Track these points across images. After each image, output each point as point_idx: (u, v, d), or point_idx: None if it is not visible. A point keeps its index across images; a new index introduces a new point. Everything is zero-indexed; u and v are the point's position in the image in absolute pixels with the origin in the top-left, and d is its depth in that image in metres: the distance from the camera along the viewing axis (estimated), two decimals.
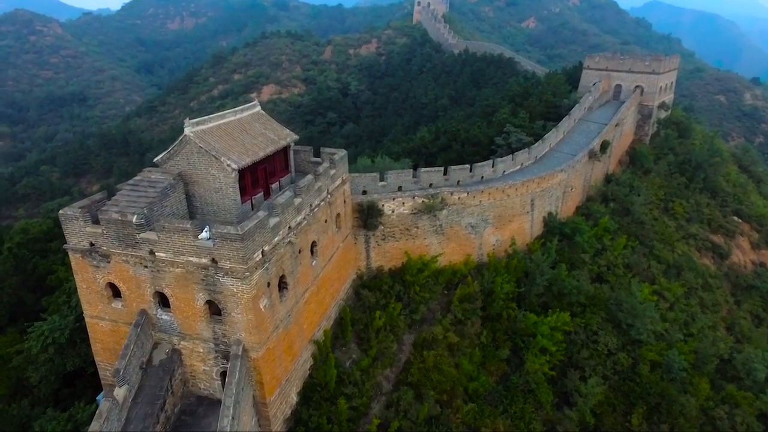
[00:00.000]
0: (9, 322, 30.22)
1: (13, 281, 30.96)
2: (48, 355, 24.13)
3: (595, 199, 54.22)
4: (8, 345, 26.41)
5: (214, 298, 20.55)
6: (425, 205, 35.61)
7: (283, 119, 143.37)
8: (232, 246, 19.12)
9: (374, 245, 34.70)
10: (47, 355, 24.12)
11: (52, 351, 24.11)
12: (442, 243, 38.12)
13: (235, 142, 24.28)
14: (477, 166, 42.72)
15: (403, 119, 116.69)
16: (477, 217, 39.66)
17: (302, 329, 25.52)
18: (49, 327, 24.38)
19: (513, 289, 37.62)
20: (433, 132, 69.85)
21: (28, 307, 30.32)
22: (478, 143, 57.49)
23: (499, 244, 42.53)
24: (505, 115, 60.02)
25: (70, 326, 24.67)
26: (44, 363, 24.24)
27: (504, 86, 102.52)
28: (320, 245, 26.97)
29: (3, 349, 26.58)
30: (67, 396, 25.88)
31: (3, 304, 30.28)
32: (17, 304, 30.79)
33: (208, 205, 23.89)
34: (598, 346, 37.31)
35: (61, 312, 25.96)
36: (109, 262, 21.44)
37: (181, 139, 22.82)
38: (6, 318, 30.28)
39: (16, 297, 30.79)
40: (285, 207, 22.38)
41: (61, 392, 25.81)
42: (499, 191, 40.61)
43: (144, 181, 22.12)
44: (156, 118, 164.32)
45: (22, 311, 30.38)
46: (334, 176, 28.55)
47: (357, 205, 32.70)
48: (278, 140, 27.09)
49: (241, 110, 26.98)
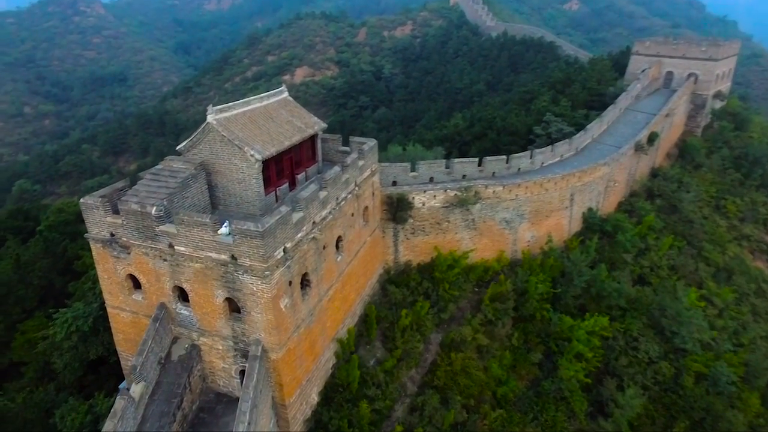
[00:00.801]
0: (38, 305, 30.62)
1: (43, 264, 31.26)
2: (71, 342, 24.08)
3: (640, 195, 50.93)
4: (36, 329, 26.65)
5: (234, 296, 19.66)
6: (458, 199, 33.85)
7: (316, 102, 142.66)
8: (252, 243, 18.07)
9: (403, 239, 33.29)
10: (71, 342, 24.07)
11: (75, 339, 24.03)
12: (474, 238, 36.34)
13: (260, 131, 23.14)
14: (514, 158, 40.54)
15: (436, 104, 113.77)
16: (512, 211, 37.60)
17: (325, 327, 24.50)
18: (73, 314, 24.28)
19: (548, 290, 35.61)
20: (468, 119, 67.33)
21: (57, 290, 30.60)
22: (515, 132, 54.84)
23: (534, 241, 40.38)
24: (544, 103, 56.96)
25: (94, 314, 24.47)
26: (68, 350, 24.23)
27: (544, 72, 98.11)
28: (346, 240, 25.75)
29: (30, 333, 26.86)
30: (91, 382, 25.92)
31: (33, 287, 30.67)
32: (47, 287, 31.14)
33: (230, 196, 22.95)
34: (638, 353, 34.99)
35: (86, 299, 25.86)
36: (129, 253, 20.83)
37: (204, 126, 21.82)
38: (35, 301, 30.69)
39: (46, 280, 31.13)
40: (309, 201, 21.16)
41: (86, 378, 25.85)
42: (537, 185, 38.33)
43: (165, 171, 21.29)
44: (191, 99, 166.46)
45: (51, 294, 30.70)
46: (363, 167, 27.14)
47: (386, 197, 31.26)
48: (305, 128, 25.81)
49: (267, 96, 25.79)
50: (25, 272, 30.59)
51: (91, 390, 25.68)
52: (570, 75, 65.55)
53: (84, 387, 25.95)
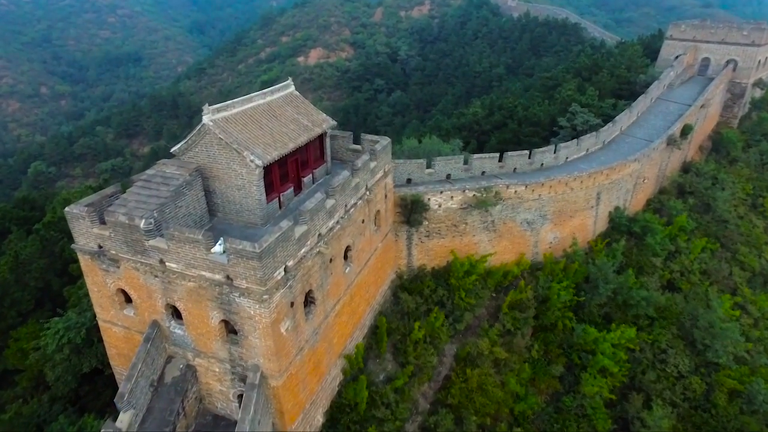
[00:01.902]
0: (35, 308, 29.44)
1: (40, 264, 29.95)
2: (63, 355, 22.78)
3: (670, 192, 47.89)
4: (29, 337, 25.39)
5: (230, 319, 17.91)
6: (477, 200, 31.53)
7: (330, 85, 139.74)
8: (249, 264, 16.18)
9: (417, 242, 31.20)
10: (62, 355, 22.79)
11: (67, 351, 22.72)
12: (493, 240, 34.10)
13: (262, 132, 21.05)
14: (537, 152, 37.91)
15: (454, 88, 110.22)
16: (534, 212, 35.18)
17: (331, 345, 22.73)
18: (65, 325, 22.90)
19: (572, 298, 33.35)
20: (487, 106, 64.29)
21: (54, 293, 29.35)
22: (537, 123, 51.90)
23: (556, 242, 37.98)
24: (569, 91, 53.68)
25: (88, 324, 23.09)
26: (60, 363, 22.96)
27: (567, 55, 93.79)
28: (355, 249, 23.77)
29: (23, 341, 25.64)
30: (87, 392, 24.74)
31: (29, 289, 29.39)
32: (43, 289, 29.92)
33: (229, 204, 21.04)
34: (667, 367, 32.75)
35: (80, 306, 24.49)
36: (118, 267, 19.16)
37: (200, 128, 19.82)
38: (32, 303, 29.47)
39: (43, 281, 29.83)
40: (314, 213, 19.14)
41: (82, 388, 24.67)
42: (562, 184, 35.75)
43: (157, 177, 19.41)
44: (204, 81, 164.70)
45: (48, 296, 29.50)
46: (375, 169, 24.97)
47: (400, 198, 29.10)
48: (312, 127, 23.65)
49: (271, 92, 23.60)
50: (21, 273, 29.37)
51: (86, 401, 24.51)
52: (597, 61, 61.82)
53: (80, 398, 24.79)
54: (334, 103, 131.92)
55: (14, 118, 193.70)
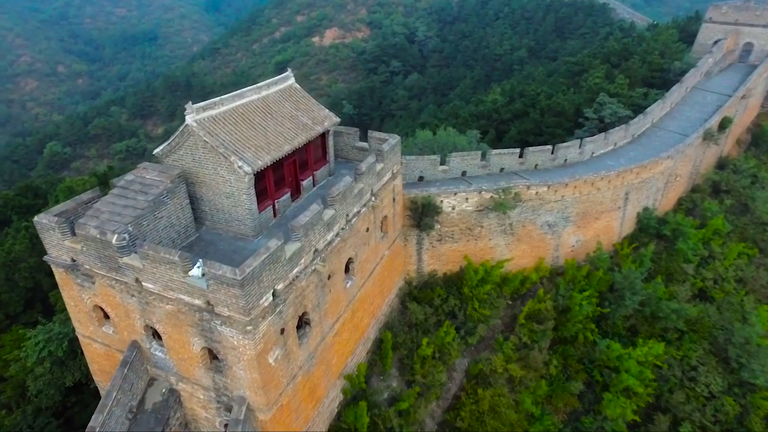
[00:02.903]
0: (24, 309, 28.10)
1: (29, 263, 28.51)
2: (44, 369, 21.34)
3: (703, 190, 44.46)
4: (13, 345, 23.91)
5: (212, 347, 15.99)
6: (494, 202, 28.99)
7: (345, 66, 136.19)
8: (230, 292, 14.13)
9: (428, 247, 28.92)
10: (43, 369, 21.35)
11: (48, 364, 21.26)
12: (511, 245, 31.63)
13: (255, 133, 18.80)
14: (561, 148, 35.08)
15: (473, 72, 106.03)
16: (556, 214, 32.51)
17: (330, 366, 20.78)
18: (46, 336, 21.34)
19: (595, 309, 30.85)
20: (507, 93, 60.86)
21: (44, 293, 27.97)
22: (561, 113, 48.56)
23: (579, 245, 35.32)
24: (597, 79, 50.05)
25: (71, 335, 21.52)
26: (41, 375, 21.54)
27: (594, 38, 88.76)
28: (358, 261, 21.60)
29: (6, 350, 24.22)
30: (74, 403, 23.39)
31: (18, 290, 28.01)
32: (33, 290, 28.59)
33: (218, 212, 18.97)
34: (697, 385, 30.21)
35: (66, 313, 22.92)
36: (93, 283, 17.33)
37: (182, 129, 17.65)
38: (21, 305, 28.10)
39: (33, 281, 28.45)
40: (309, 227, 16.94)
41: (69, 399, 23.31)
42: (588, 184, 32.92)
43: (135, 184, 17.37)
44: (219, 61, 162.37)
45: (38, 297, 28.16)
46: (382, 172, 22.59)
47: (410, 201, 26.72)
48: (313, 125, 21.30)
49: (267, 85, 21.24)
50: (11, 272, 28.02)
51: (73, 413, 23.18)
52: (627, 46, 57.64)
53: (66, 408, 23.46)
54: (348, 86, 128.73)
55: (32, 96, 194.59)
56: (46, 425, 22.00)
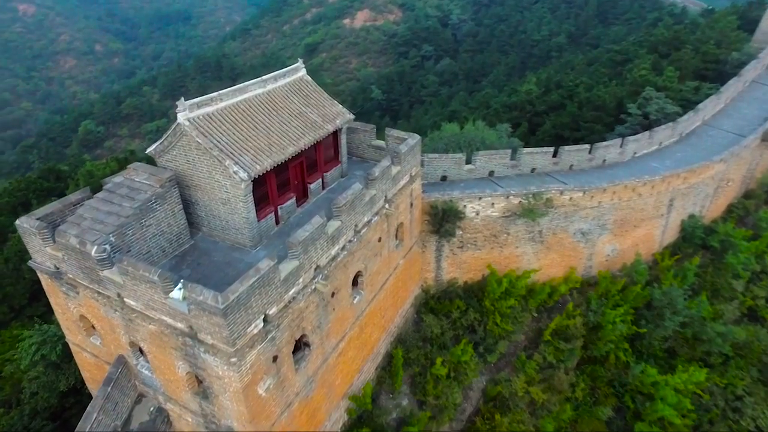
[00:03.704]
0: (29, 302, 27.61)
1: None
2: (36, 372, 20.52)
3: (758, 196, 40.47)
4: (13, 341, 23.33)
5: (197, 374, 14.46)
6: (523, 208, 26.49)
7: (375, 50, 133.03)
8: (212, 320, 12.46)
9: (448, 254, 26.75)
10: (35, 372, 20.53)
11: (41, 368, 20.42)
12: (539, 253, 29.12)
13: (256, 132, 16.95)
14: (599, 147, 32.10)
15: (508, 58, 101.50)
16: (592, 221, 29.74)
17: (333, 388, 19.12)
18: (41, 338, 20.48)
19: (630, 328, 28.20)
20: (543, 83, 57.27)
21: None
22: (601, 107, 45.01)
23: (615, 255, 32.47)
24: (643, 71, 46.05)
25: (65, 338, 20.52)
26: (35, 378, 20.75)
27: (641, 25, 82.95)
28: (368, 274, 19.70)
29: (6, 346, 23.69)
30: (72, 404, 22.63)
31: (24, 282, 27.43)
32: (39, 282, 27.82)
33: (214, 219, 17.33)
34: (743, 418, 27.36)
35: None
36: (77, 293, 16.02)
37: (174, 128, 15.95)
38: (25, 298, 27.61)
39: None
40: (310, 244, 15.08)
41: (67, 399, 22.57)
42: (629, 189, 29.94)
43: (123, 187, 15.83)
44: (249, 42, 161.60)
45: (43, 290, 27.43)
46: (398, 176, 20.47)
47: (429, 206, 24.54)
48: (323, 124, 19.30)
49: (274, 78, 19.30)
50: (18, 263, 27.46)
51: (71, 415, 22.41)
52: (679, 34, 52.97)
53: (65, 409, 22.73)
54: (378, 70, 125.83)
55: (70, 74, 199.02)
56: (42, 428, 21.29)
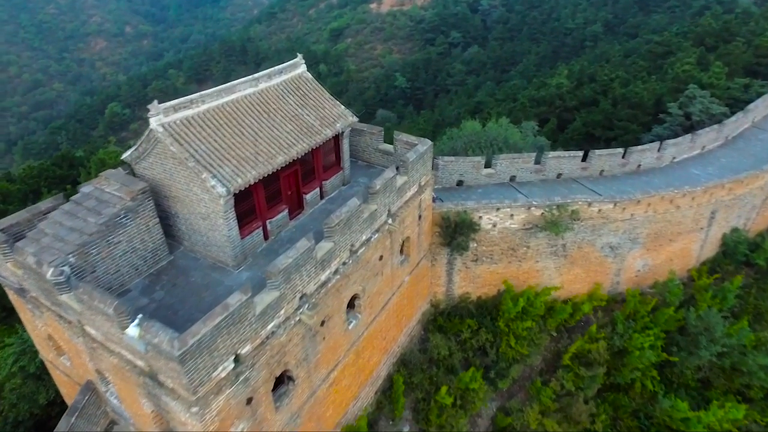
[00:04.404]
0: None
1: None
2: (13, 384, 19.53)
3: None
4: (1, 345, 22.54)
5: (162, 415, 12.88)
6: (545, 220, 24.05)
7: (401, 36, 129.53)
8: (169, 366, 10.77)
9: (460, 268, 24.61)
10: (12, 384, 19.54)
11: (19, 381, 19.41)
12: (562, 268, 26.67)
13: (241, 139, 15.07)
14: (634, 152, 29.34)
15: (539, 47, 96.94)
16: (622, 235, 27.06)
17: (322, 419, 17.42)
18: (19, 348, 19.47)
19: (659, 354, 25.64)
20: (575, 77, 53.70)
21: None
22: (638, 104, 41.64)
23: (646, 270, 29.72)
24: (687, 66, 42.28)
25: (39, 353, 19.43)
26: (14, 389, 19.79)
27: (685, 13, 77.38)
28: (367, 296, 17.79)
29: None
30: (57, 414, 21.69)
31: None
32: None
33: (195, 233, 15.64)
34: None
35: None
36: (42, 313, 14.62)
37: (148, 134, 14.20)
38: None
39: None
40: (292, 272, 13.20)
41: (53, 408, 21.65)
42: (665, 201, 27.07)
43: (91, 199, 14.22)
44: (275, 26, 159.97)
45: None
46: (405, 187, 18.37)
47: (440, 217, 22.37)
48: (321, 128, 17.29)
49: (269, 75, 17.36)
50: None
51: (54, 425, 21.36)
52: (729, 25, 48.54)
53: (51, 418, 21.82)
54: (403, 57, 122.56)
55: (101, 56, 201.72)
56: None
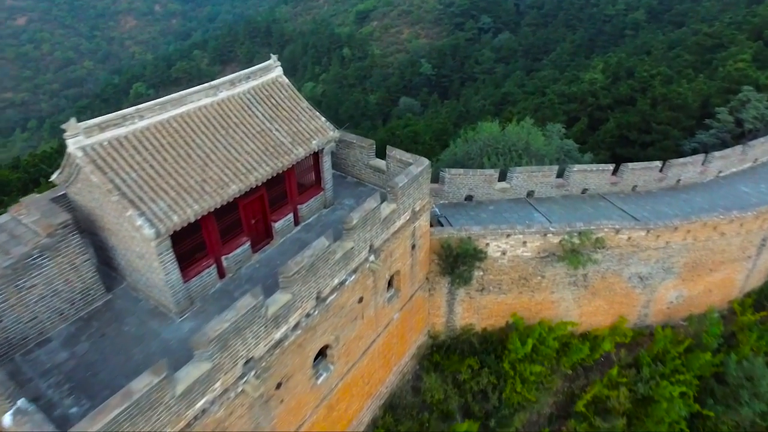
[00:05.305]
0: None
1: None
2: None
3: None
4: None
5: None
6: (564, 249, 20.84)
7: (429, 20, 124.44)
8: None
9: (463, 298, 21.71)
10: None
11: None
12: (581, 299, 23.46)
13: (185, 164, 12.45)
14: (675, 165, 25.71)
15: (574, 34, 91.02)
16: (654, 264, 23.58)
17: None
18: None
19: (691, 407, 22.31)
20: (612, 70, 49.08)
21: None
22: (681, 106, 37.24)
23: (680, 302, 26.17)
24: (741, 63, 37.49)
25: None
26: None
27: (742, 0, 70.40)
28: (342, 344, 15.15)
29: None
30: None
31: None
32: None
33: (134, 271, 13.24)
34: None
35: None
36: None
37: (67, 157, 11.74)
38: None
39: None
40: (229, 339, 10.61)
41: None
42: (708, 228, 23.40)
43: (3, 232, 11.91)
44: (300, 7, 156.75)
45: None
46: (391, 218, 15.48)
47: (440, 244, 19.43)
48: (292, 147, 14.50)
49: (231, 82, 14.70)
50: None
51: None
52: None
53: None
54: (431, 41, 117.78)
55: (130, 35, 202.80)
56: None
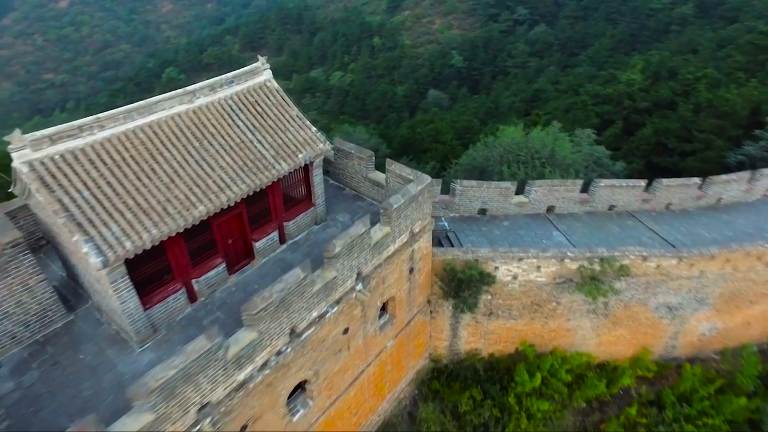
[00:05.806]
0: None
1: None
2: None
3: None
4: None
5: None
6: (583, 276, 18.87)
7: (463, 10, 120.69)
8: None
9: (469, 322, 20.06)
10: None
11: None
12: (601, 328, 21.45)
13: (149, 182, 11.20)
14: (716, 183, 23.33)
15: (615, 29, 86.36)
16: (686, 294, 21.32)
17: None
18: None
19: None
20: (651, 72, 45.74)
21: None
22: (727, 114, 34.09)
23: (713, 335, 23.77)
24: None
25: None
26: None
27: None
28: (323, 378, 13.81)
29: None
30: None
31: None
32: None
33: (95, 293, 12.19)
34: None
35: None
36: None
37: (14, 172, 10.63)
38: None
39: None
40: (177, 387, 9.37)
41: None
42: (751, 257, 20.97)
43: None
44: None
45: None
46: (384, 242, 13.94)
47: (443, 267, 17.77)
48: (275, 161, 13.10)
49: (211, 87, 13.32)
50: None
51: None
52: None
53: None
54: (463, 33, 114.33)
55: (166, 19, 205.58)
56: None
